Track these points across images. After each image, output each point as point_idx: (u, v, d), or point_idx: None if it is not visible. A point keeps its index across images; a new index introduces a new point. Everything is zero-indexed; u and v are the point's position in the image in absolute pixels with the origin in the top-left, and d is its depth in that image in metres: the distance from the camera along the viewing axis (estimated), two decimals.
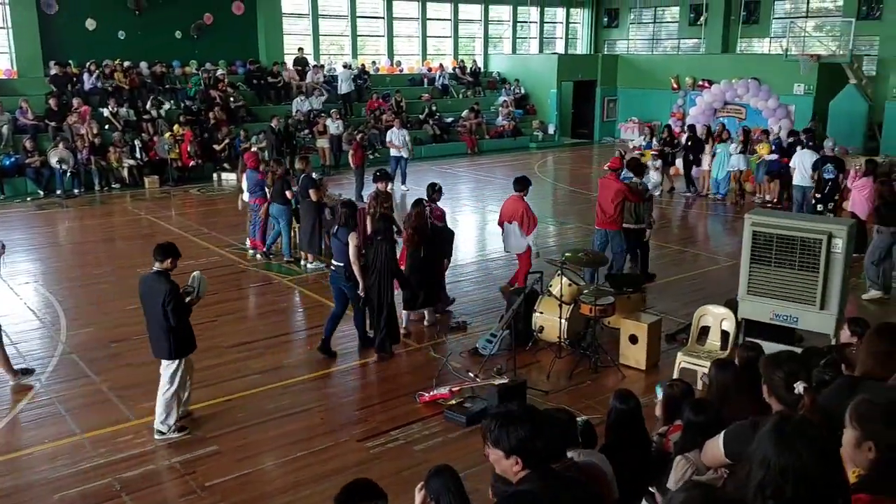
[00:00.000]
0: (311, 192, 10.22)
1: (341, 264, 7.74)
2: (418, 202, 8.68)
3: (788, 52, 21.58)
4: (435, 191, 9.14)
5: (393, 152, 17.02)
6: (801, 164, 13.26)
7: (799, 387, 3.09)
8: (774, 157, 15.11)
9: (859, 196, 11.19)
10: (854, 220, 9.26)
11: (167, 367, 6.13)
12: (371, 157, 20.69)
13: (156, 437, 6.17)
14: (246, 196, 11.41)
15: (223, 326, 8.70)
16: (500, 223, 9.59)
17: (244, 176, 11.43)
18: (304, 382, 7.24)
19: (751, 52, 25.25)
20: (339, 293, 7.94)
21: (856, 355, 3.92)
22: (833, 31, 23.19)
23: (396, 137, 16.94)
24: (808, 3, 24.16)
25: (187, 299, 6.22)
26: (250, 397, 6.89)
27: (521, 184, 9.45)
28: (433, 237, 8.48)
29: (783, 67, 21.23)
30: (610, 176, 9.87)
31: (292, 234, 11.31)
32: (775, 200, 15.13)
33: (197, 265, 11.03)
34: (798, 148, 14.09)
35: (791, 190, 13.96)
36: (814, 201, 12.84)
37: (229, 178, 17.46)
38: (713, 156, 15.95)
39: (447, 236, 9.08)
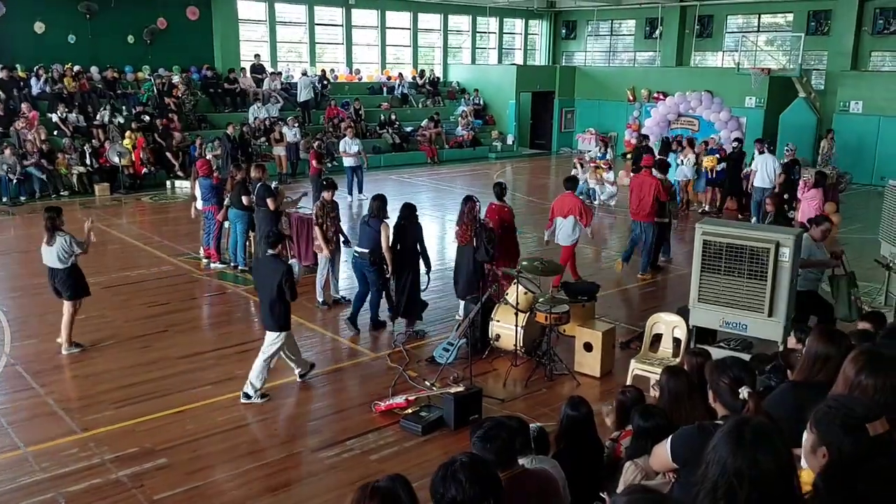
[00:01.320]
0: (269, 200, 10.10)
1: (366, 250, 8.45)
2: (468, 198, 8.84)
3: (740, 66, 22.09)
4: (502, 189, 9.60)
5: (347, 161, 16.88)
6: (764, 168, 13.95)
7: (744, 392, 3.13)
8: (722, 166, 15.45)
9: (809, 207, 11.48)
10: (802, 230, 9.51)
11: (273, 339, 6.92)
12: (329, 165, 20.61)
13: (242, 400, 6.86)
14: (199, 204, 11.23)
15: (174, 337, 8.54)
16: (552, 218, 10.48)
17: (197, 184, 11.25)
18: None
19: (704, 66, 25.78)
20: (361, 276, 8.71)
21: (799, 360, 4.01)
22: (783, 45, 23.81)
23: (350, 147, 16.82)
24: (759, 18, 24.78)
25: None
26: (201, 409, 6.75)
27: (573, 182, 11.05)
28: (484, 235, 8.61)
29: (735, 81, 21.72)
30: (645, 173, 11.20)
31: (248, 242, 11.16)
32: (717, 209, 15.58)
33: (149, 274, 10.88)
34: (756, 154, 14.75)
35: (722, 197, 15.29)
36: (784, 204, 13.69)
37: (183, 185, 17.19)
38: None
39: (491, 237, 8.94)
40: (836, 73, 22.00)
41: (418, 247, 8.57)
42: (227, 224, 11.21)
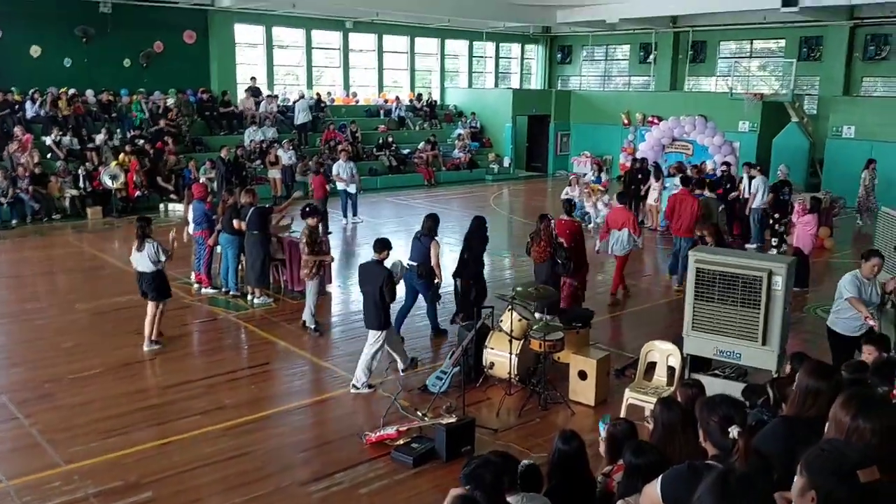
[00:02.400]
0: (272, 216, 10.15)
1: (415, 263, 9.03)
2: (543, 217, 9.67)
3: (733, 91, 22.21)
4: (571, 205, 10.53)
5: (340, 185, 16.78)
6: (760, 189, 14.36)
7: (734, 431, 3.07)
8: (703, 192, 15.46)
9: (804, 232, 11.47)
10: (795, 256, 9.52)
11: (376, 337, 7.59)
12: (327, 188, 20.60)
13: (351, 391, 7.62)
14: (191, 228, 11.17)
15: (164, 365, 8.44)
16: (608, 230, 11.37)
17: (190, 207, 11.21)
18: (247, 423, 7.01)
19: (698, 91, 25.92)
20: (410, 290, 9.28)
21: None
22: (776, 71, 23.98)
23: (343, 170, 16.70)
24: (752, 44, 24.96)
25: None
26: (189, 440, 6.64)
27: (625, 197, 12.25)
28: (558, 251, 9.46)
29: (729, 105, 21.82)
30: (683, 191, 12.25)
31: (239, 267, 11.10)
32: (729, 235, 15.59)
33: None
34: (746, 177, 15.15)
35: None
36: (772, 221, 14.03)
37: (176, 208, 17.15)
38: (663, 189, 16.23)
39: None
40: (828, 98, 22.12)
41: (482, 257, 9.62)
42: (218, 249, 11.14)
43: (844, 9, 21.11)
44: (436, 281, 9.20)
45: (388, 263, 7.79)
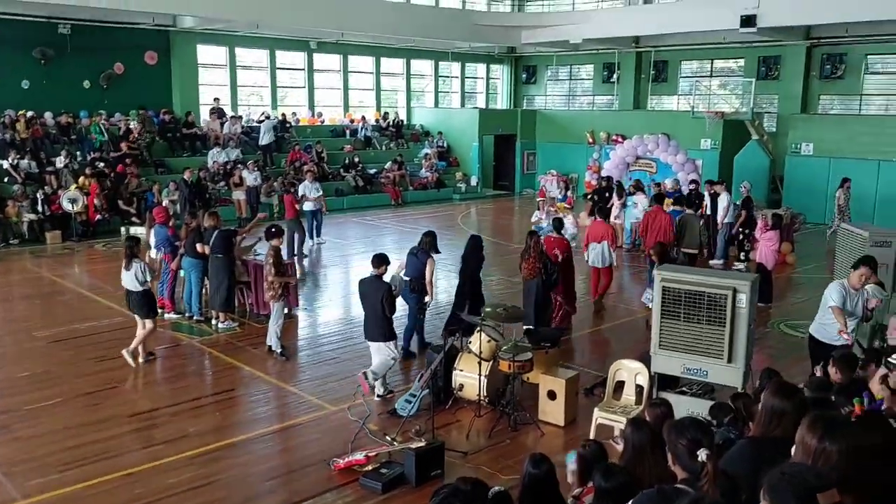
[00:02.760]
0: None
1: (408, 278, 9.25)
2: (532, 233, 9.98)
3: (695, 110, 22.60)
4: (560, 223, 11.02)
5: (307, 206, 16.48)
6: (730, 206, 14.93)
7: (702, 454, 3.07)
8: (677, 208, 15.66)
9: (767, 248, 11.66)
10: (758, 272, 9.68)
11: (380, 347, 7.92)
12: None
13: (375, 397, 7.98)
14: (153, 252, 10.98)
15: (124, 394, 8.24)
16: (587, 244, 11.76)
17: (152, 231, 11.02)
18: (211, 452, 6.85)
19: (660, 109, 26.32)
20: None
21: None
22: (736, 89, 24.46)
23: (310, 191, 16.54)
24: (712, 63, 25.46)
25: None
26: (151, 471, 6.46)
27: (605, 213, 12.77)
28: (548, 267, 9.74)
29: (691, 124, 22.19)
30: (657, 208, 12.94)
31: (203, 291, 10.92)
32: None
33: (100, 326, 10.55)
34: (707, 194, 15.55)
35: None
36: (741, 236, 14.41)
37: (138, 231, 16.83)
38: (623, 208, 16.42)
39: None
40: (786, 116, 22.61)
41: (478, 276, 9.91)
42: (181, 273, 10.97)
43: (801, 29, 21.67)
44: (426, 299, 9.36)
45: (386, 277, 8.15)
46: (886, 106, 21.85)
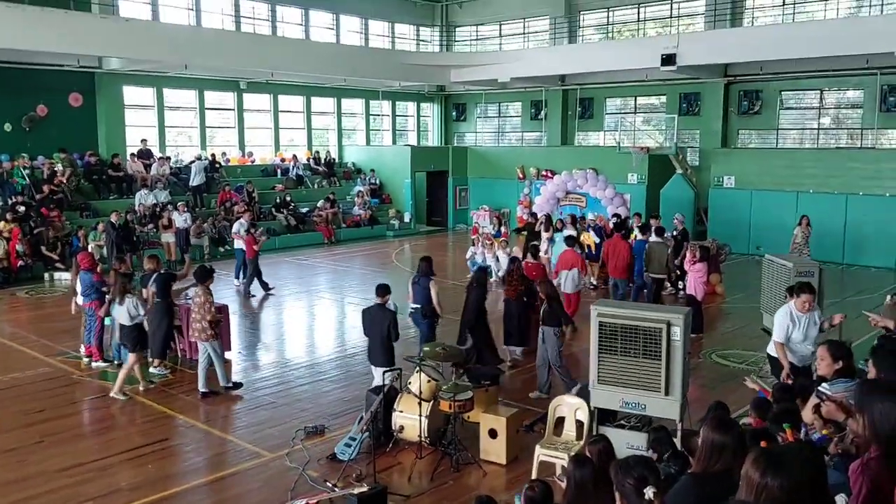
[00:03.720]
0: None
1: (418, 306, 9.89)
2: (514, 259, 11.56)
3: (621, 145, 23.32)
4: (536, 249, 12.74)
5: (238, 244, 16.17)
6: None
7: (649, 492, 3.12)
8: (596, 240, 16.10)
9: (696, 279, 12.01)
10: (689, 308, 9.97)
11: (380, 373, 8.19)
12: (222, 250, 20.10)
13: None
14: (80, 299, 10.59)
15: (51, 448, 7.85)
16: (558, 272, 12.76)
17: (78, 278, 10.63)
18: None
19: (588, 145, 27.05)
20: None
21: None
22: (659, 125, 25.36)
23: (243, 230, 16.08)
24: (635, 100, 26.36)
25: None
26: None
27: (572, 240, 13.62)
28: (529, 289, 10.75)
29: (617, 159, 22.88)
30: (617, 237, 14.20)
31: None
32: (599, 283, 16.03)
33: (23, 378, 10.09)
34: (634, 229, 15.76)
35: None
36: (679, 270, 14.55)
37: (62, 277, 16.29)
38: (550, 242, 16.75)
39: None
40: (708, 150, 23.54)
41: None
42: (108, 320, 10.58)
43: (718, 67, 22.70)
44: (438, 319, 10.09)
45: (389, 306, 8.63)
46: (801, 140, 22.98)
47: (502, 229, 20.34)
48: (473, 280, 10.72)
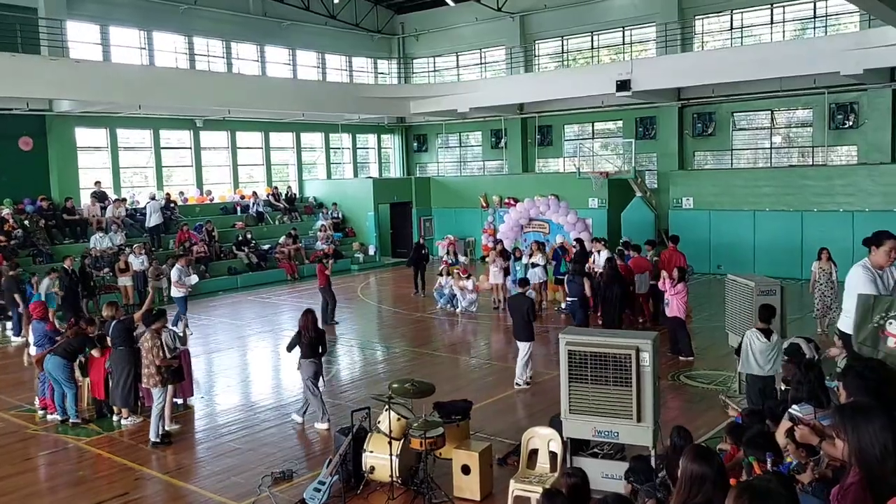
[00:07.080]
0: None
1: (574, 299, 13.32)
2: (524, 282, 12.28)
3: (581, 171, 23.52)
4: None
5: (178, 292, 15.12)
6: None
7: None
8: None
9: (678, 301, 12.07)
10: (674, 326, 11.55)
11: (527, 348, 10.77)
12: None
13: (515, 388, 10.71)
14: (33, 350, 10.20)
15: None
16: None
17: (30, 328, 10.26)
18: None
19: (548, 171, 27.25)
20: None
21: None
22: (617, 150, 25.67)
23: (184, 276, 15.29)
24: (593, 126, 26.68)
25: None
26: None
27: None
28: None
29: (578, 184, 23.06)
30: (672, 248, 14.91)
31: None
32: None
33: None
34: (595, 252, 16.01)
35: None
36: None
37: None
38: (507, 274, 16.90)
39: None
40: (666, 172, 23.85)
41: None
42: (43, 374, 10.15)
43: (672, 91, 23.11)
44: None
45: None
46: (755, 159, 23.42)
47: (460, 259, 20.28)
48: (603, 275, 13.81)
